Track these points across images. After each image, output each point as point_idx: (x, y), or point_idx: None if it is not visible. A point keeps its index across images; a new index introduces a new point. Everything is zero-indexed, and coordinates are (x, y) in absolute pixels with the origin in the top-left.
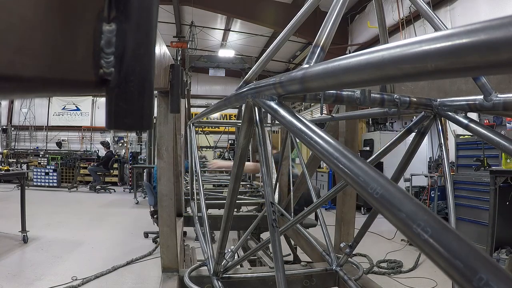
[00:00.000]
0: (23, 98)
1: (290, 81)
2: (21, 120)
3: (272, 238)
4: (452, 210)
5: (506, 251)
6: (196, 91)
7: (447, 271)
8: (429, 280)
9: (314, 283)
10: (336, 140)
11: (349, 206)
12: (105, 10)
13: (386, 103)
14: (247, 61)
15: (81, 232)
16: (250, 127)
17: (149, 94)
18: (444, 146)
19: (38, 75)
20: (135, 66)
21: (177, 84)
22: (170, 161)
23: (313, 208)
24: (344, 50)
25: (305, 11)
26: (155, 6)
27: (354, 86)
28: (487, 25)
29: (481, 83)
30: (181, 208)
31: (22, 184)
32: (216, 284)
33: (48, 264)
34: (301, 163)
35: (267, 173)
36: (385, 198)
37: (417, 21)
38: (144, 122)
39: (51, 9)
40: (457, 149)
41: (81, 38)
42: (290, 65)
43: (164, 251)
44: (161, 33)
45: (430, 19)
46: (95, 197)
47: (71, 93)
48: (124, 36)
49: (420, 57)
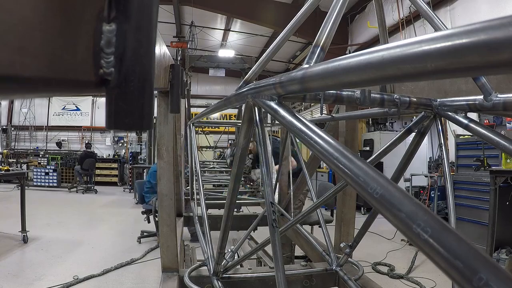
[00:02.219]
0: (23, 98)
1: (290, 81)
2: (21, 120)
3: (272, 238)
4: (452, 210)
5: (506, 251)
6: (196, 91)
7: (447, 271)
8: (427, 280)
9: (314, 283)
10: (336, 140)
11: (349, 206)
12: (105, 10)
13: (386, 103)
14: (247, 61)
15: (81, 232)
16: (250, 127)
17: (149, 94)
18: (444, 146)
19: (38, 75)
20: (135, 66)
21: (177, 84)
22: (170, 161)
23: (313, 208)
24: (344, 50)
25: (305, 11)
26: (155, 6)
27: (354, 86)
28: (487, 25)
29: (481, 83)
30: (181, 208)
31: (22, 184)
32: (216, 284)
33: (48, 264)
34: (301, 163)
35: (267, 173)
36: (385, 198)
37: (417, 21)
38: (144, 122)
39: (51, 9)
40: (457, 149)
41: (81, 38)
42: (290, 65)
43: (164, 251)
44: (161, 33)
45: (430, 19)
46: (95, 197)
47: (71, 93)
48: (124, 36)
49: (420, 57)
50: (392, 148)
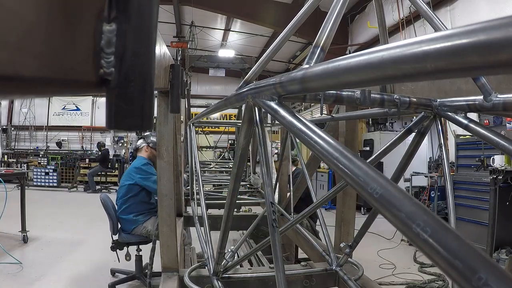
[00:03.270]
0: (23, 98)
1: (290, 81)
2: (21, 120)
3: (272, 238)
4: (452, 210)
5: (506, 251)
6: (196, 91)
7: (447, 270)
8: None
9: (314, 283)
10: (336, 140)
11: (349, 206)
12: (105, 10)
13: (386, 103)
14: (247, 61)
15: (81, 232)
16: (250, 127)
17: (149, 94)
18: (444, 146)
19: (38, 75)
20: (135, 66)
21: (177, 84)
22: (170, 161)
23: (313, 208)
24: (344, 50)
25: (305, 11)
26: (155, 6)
27: (354, 86)
28: (486, 25)
29: (481, 83)
30: (181, 208)
31: (22, 184)
32: (216, 284)
33: (48, 264)
34: (301, 163)
35: (267, 173)
36: (384, 198)
37: (417, 21)
38: (144, 122)
39: (51, 9)
40: (457, 149)
41: (82, 38)
42: (290, 65)
43: (164, 251)
44: (161, 33)
45: (430, 19)
46: (95, 197)
47: (71, 93)
48: (124, 36)
49: (420, 57)
50: (392, 148)
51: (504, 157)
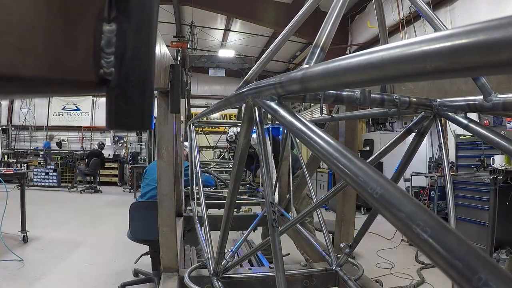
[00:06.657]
0: (23, 98)
1: (290, 81)
2: (21, 120)
3: (272, 238)
4: (452, 210)
5: (506, 251)
6: (196, 91)
7: (447, 270)
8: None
9: (314, 283)
10: (336, 140)
11: (349, 206)
12: (105, 10)
13: (386, 103)
14: (247, 61)
15: (81, 232)
16: (250, 127)
17: (149, 94)
18: (444, 146)
19: (38, 75)
20: (135, 66)
21: (177, 84)
22: (170, 161)
23: (313, 208)
24: (344, 50)
25: (305, 11)
26: (155, 6)
27: (354, 86)
28: (486, 25)
29: (481, 83)
30: (181, 208)
31: (22, 184)
32: (216, 284)
33: (48, 264)
34: (301, 163)
35: (267, 173)
36: (384, 198)
37: (417, 21)
38: (144, 122)
39: (51, 9)
40: (457, 149)
41: (81, 38)
42: (290, 65)
43: (164, 251)
44: (161, 33)
45: (430, 19)
46: (95, 197)
47: (72, 93)
48: (124, 36)
49: (419, 57)
50: (392, 148)
51: (504, 157)
